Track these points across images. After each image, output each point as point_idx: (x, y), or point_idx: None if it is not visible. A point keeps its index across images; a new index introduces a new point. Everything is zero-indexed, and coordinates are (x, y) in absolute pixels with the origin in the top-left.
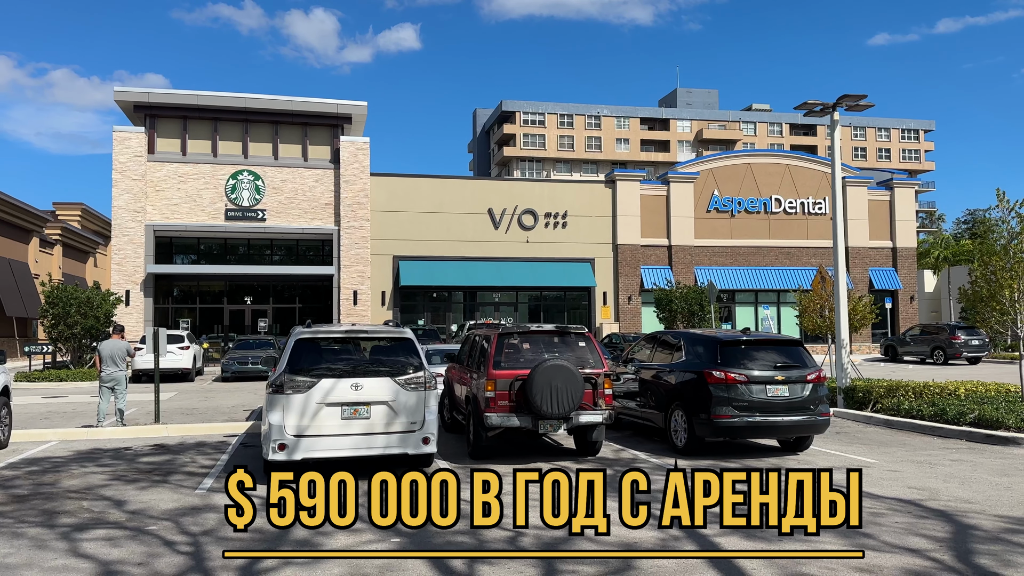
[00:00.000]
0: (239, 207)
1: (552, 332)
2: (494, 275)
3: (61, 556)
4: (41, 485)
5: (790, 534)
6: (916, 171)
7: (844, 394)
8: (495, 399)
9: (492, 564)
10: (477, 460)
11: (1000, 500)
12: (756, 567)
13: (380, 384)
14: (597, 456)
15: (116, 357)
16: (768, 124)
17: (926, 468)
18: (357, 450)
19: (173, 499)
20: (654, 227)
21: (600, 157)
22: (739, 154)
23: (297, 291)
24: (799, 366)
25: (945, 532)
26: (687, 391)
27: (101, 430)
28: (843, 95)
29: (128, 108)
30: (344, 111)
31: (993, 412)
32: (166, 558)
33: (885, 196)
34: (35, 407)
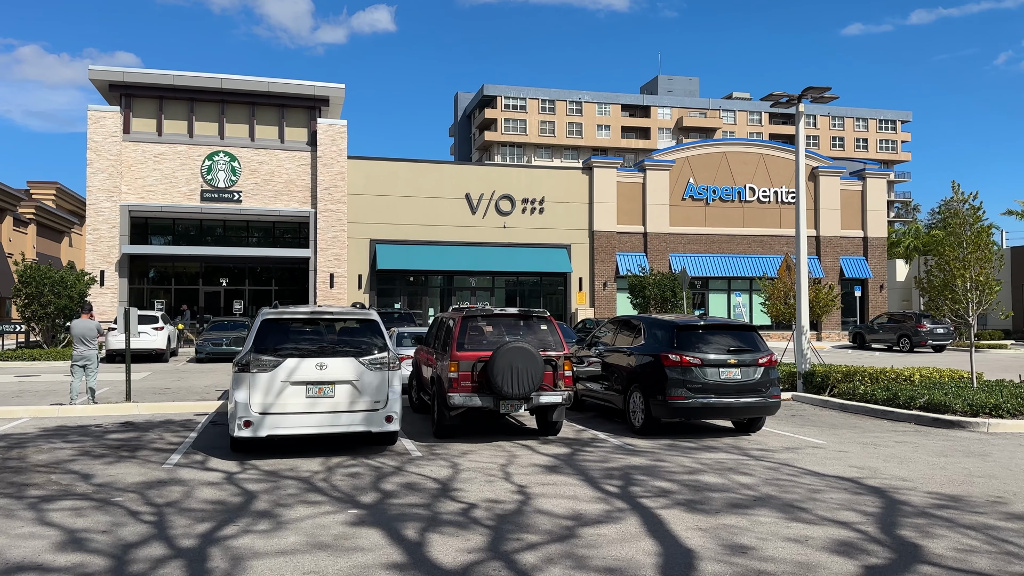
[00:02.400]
0: (215, 188)
1: (515, 315)
2: (471, 260)
3: (28, 524)
4: (8, 460)
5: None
6: (893, 161)
7: (803, 379)
8: (458, 380)
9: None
10: (441, 439)
11: (933, 478)
12: (693, 537)
13: (344, 364)
14: (558, 436)
15: (87, 337)
16: (748, 113)
17: (871, 449)
18: (322, 428)
19: (140, 473)
20: (630, 214)
21: (581, 143)
22: (715, 143)
23: (274, 273)
24: (752, 350)
25: (876, 507)
26: (645, 373)
27: (72, 408)
28: (808, 87)
29: (103, 87)
30: (322, 93)
31: (942, 397)
32: (130, 527)
33: (857, 186)
34: (7, 386)
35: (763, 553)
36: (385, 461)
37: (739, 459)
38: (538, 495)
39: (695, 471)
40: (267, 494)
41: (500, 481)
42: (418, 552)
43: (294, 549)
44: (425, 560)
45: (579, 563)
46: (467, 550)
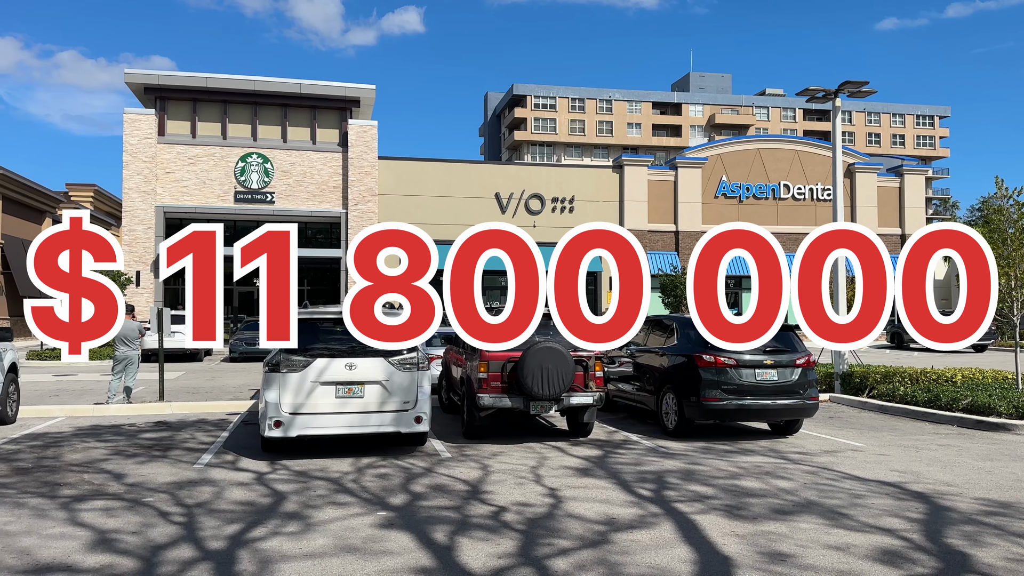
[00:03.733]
0: (248, 189)
1: (545, 315)
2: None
3: (59, 525)
4: (44, 459)
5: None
6: (931, 157)
7: (841, 380)
8: (488, 380)
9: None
10: (471, 440)
11: (979, 483)
12: (730, 544)
13: (374, 364)
14: (589, 437)
15: (128, 337)
16: (781, 109)
17: (912, 452)
18: (351, 428)
19: (171, 473)
20: (661, 212)
21: (611, 142)
22: (748, 139)
23: (306, 274)
24: (789, 351)
25: (921, 514)
26: (678, 374)
27: (106, 407)
28: (845, 81)
29: (139, 90)
30: (352, 94)
31: (986, 399)
32: (160, 528)
33: (895, 183)
34: (45, 384)
35: (803, 561)
36: (415, 462)
37: (777, 463)
38: (569, 498)
39: (731, 475)
40: (297, 495)
41: (531, 484)
42: (447, 556)
43: (323, 552)
44: (454, 565)
45: (612, 570)
46: (497, 555)
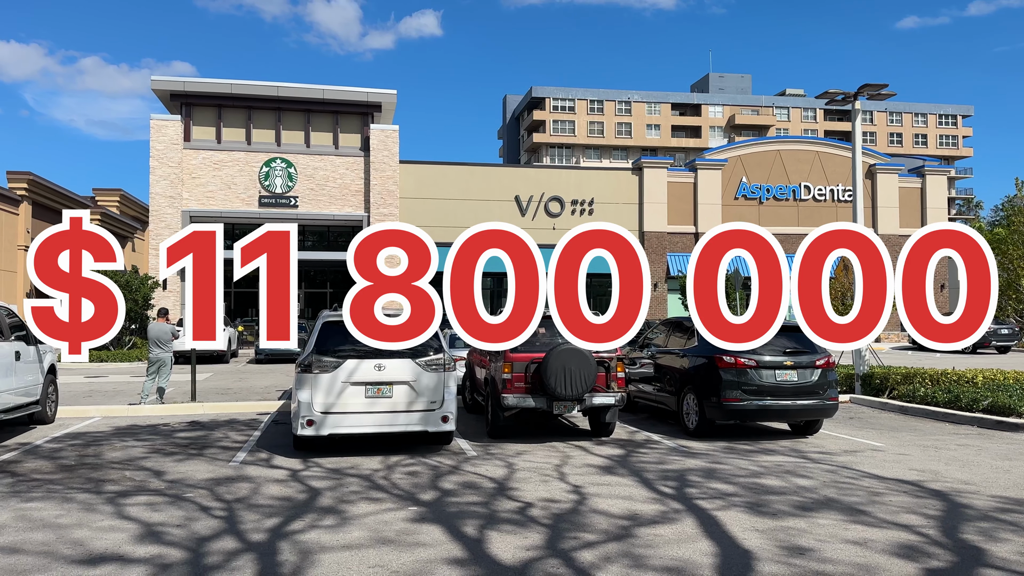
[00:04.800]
0: (272, 194)
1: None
2: None
3: (108, 518)
4: (86, 456)
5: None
6: (954, 157)
7: (861, 381)
8: (511, 381)
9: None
10: (495, 439)
11: (997, 481)
12: (751, 538)
13: (402, 365)
14: (611, 437)
15: (161, 340)
16: (802, 109)
17: (931, 452)
18: (380, 427)
19: (209, 470)
20: (681, 214)
21: (630, 143)
22: (768, 140)
23: (328, 276)
24: (809, 352)
25: (938, 510)
26: (698, 375)
27: (140, 408)
28: (864, 84)
29: (164, 96)
30: (374, 99)
31: (1006, 399)
32: (202, 521)
33: (916, 183)
34: (78, 386)
35: (822, 555)
36: (442, 460)
37: (797, 462)
38: (593, 495)
39: (752, 473)
40: (331, 491)
41: (555, 481)
42: (478, 548)
43: (359, 544)
44: (485, 556)
45: (637, 562)
46: (526, 547)
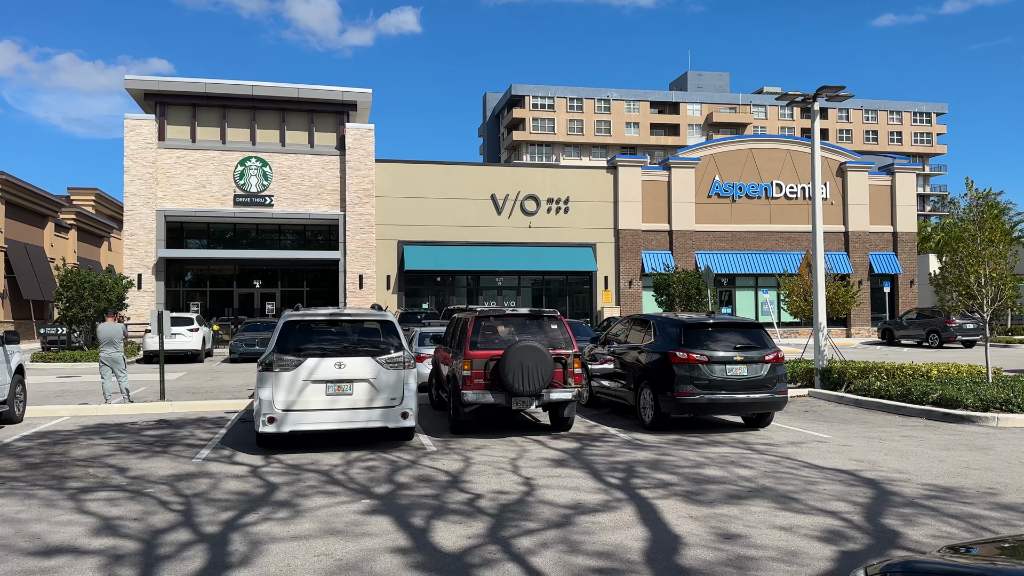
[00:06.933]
0: (247, 193)
1: (526, 315)
2: (497, 260)
3: (67, 513)
4: (52, 455)
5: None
6: (928, 154)
7: (821, 375)
8: (471, 377)
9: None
10: (457, 435)
11: (930, 470)
12: (683, 525)
13: (362, 363)
14: (570, 431)
15: (114, 339)
16: (779, 108)
17: (875, 443)
18: (341, 424)
19: (171, 467)
20: (655, 212)
21: (610, 141)
22: (740, 139)
23: (305, 275)
24: (758, 347)
25: (867, 498)
26: (654, 370)
27: (109, 407)
28: (822, 86)
29: (139, 96)
30: (350, 98)
31: (955, 392)
32: (159, 515)
33: (887, 181)
34: (50, 386)
35: (750, 540)
36: (401, 455)
37: (743, 453)
38: (542, 486)
39: (697, 464)
40: (288, 486)
41: (508, 473)
42: (422, 537)
43: (308, 535)
44: (427, 544)
45: (572, 547)
46: (468, 536)
